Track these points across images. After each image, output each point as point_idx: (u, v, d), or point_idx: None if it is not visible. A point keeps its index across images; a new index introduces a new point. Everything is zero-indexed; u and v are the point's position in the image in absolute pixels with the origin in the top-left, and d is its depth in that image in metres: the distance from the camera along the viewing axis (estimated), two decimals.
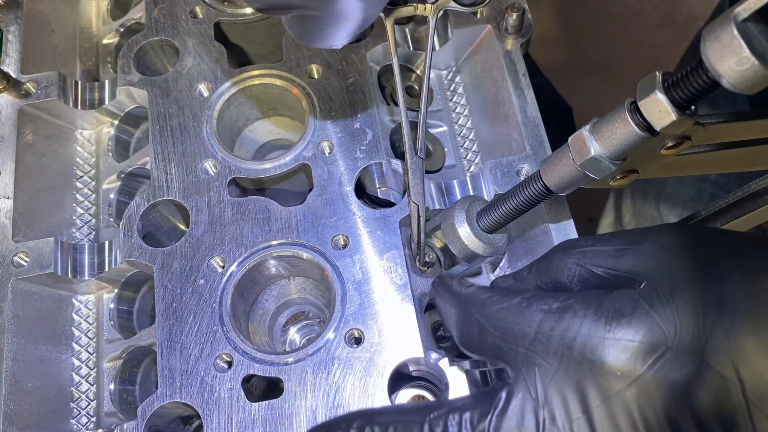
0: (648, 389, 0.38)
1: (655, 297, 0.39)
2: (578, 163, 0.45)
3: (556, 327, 0.41)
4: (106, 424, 0.63)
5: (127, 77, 0.73)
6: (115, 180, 0.74)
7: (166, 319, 0.59)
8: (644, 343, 0.38)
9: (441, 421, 0.44)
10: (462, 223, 0.55)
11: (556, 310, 0.42)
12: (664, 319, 0.38)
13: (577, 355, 0.40)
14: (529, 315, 0.43)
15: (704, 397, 0.37)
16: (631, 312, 0.39)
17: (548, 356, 0.41)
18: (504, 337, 0.44)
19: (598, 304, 0.41)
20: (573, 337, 0.40)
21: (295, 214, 0.63)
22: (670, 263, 0.41)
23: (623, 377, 0.38)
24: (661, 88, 0.39)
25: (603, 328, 0.40)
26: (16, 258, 0.62)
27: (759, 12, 0.32)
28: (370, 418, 0.46)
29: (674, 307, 0.39)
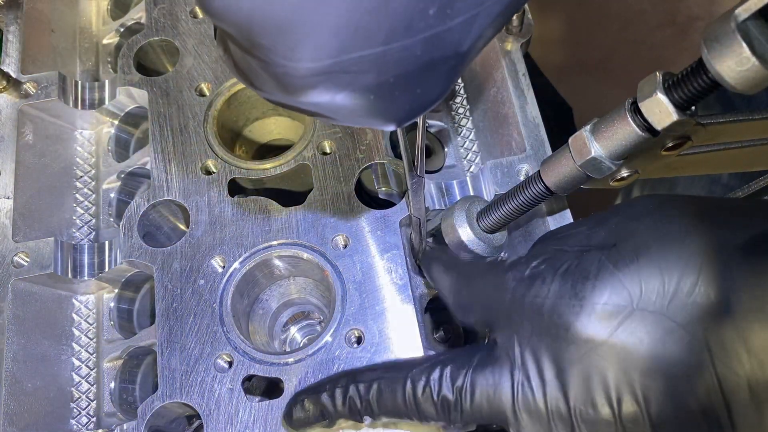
0: (616, 351, 0.38)
1: (618, 257, 0.40)
2: (578, 164, 0.45)
3: (526, 293, 0.43)
4: (106, 424, 0.63)
5: (127, 77, 0.73)
6: (115, 180, 0.74)
7: (166, 320, 0.59)
8: (609, 305, 0.39)
9: (423, 375, 0.46)
10: (462, 224, 0.55)
11: (527, 277, 0.44)
12: (628, 278, 0.39)
13: (546, 319, 0.41)
14: (506, 282, 0.45)
15: (672, 356, 0.37)
16: (595, 274, 0.40)
17: (523, 321, 0.43)
18: (487, 303, 0.47)
19: (566, 268, 0.42)
20: (542, 302, 0.42)
21: (295, 215, 0.63)
22: (637, 227, 0.42)
23: (590, 340, 0.39)
24: (662, 89, 0.39)
25: (569, 292, 0.41)
26: (16, 258, 0.62)
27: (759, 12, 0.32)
28: (354, 376, 0.49)
29: (638, 265, 0.39)
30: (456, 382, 0.44)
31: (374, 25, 0.28)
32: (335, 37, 0.28)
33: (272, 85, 0.32)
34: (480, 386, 0.43)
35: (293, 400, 0.52)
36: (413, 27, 0.29)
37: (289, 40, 0.28)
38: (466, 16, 0.30)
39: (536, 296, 0.42)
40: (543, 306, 0.42)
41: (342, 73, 0.30)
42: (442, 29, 0.30)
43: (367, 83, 0.31)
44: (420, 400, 0.45)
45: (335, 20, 0.28)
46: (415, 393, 0.45)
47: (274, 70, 0.31)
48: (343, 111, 0.33)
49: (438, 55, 0.31)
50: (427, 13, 0.28)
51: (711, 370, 0.36)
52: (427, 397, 0.45)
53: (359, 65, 0.30)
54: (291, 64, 0.30)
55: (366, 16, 0.27)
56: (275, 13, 0.27)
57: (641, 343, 0.38)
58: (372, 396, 0.47)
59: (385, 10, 0.27)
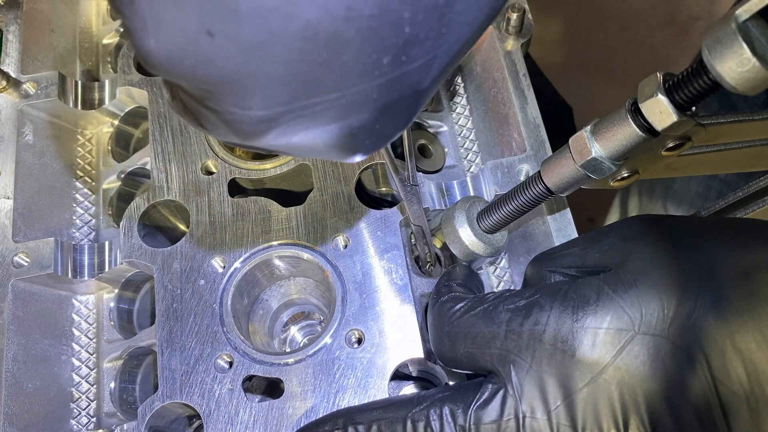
0: (620, 375, 0.38)
1: (618, 282, 0.40)
2: (579, 164, 0.45)
3: (524, 322, 0.42)
4: (106, 424, 0.63)
5: (127, 77, 0.73)
6: (115, 180, 0.74)
7: (166, 320, 0.59)
8: (611, 330, 0.39)
9: (423, 415, 0.44)
10: (462, 224, 0.55)
11: (523, 307, 0.43)
12: (628, 303, 0.39)
13: (548, 347, 0.41)
14: (497, 316, 0.44)
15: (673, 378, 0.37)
16: (596, 299, 0.40)
17: (521, 352, 0.42)
18: (475, 343, 0.44)
19: (564, 294, 0.42)
20: (542, 329, 0.41)
21: (296, 215, 0.63)
22: (632, 250, 0.42)
23: (595, 365, 0.39)
24: (662, 89, 0.39)
25: (570, 318, 0.40)
26: (16, 258, 0.62)
27: (760, 13, 0.32)
28: (352, 416, 0.47)
29: (637, 290, 0.39)
30: (458, 421, 0.43)
31: (326, 75, 0.27)
32: (285, 87, 0.27)
33: (224, 129, 0.31)
34: (484, 425, 0.42)
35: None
36: (367, 75, 0.28)
37: (237, 91, 0.27)
38: (423, 60, 0.29)
39: (535, 324, 0.42)
40: (543, 334, 0.41)
41: (296, 118, 0.29)
42: (398, 74, 0.28)
43: (322, 125, 0.30)
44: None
45: (283, 72, 0.26)
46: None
47: (225, 117, 0.30)
48: (300, 150, 0.32)
49: (396, 96, 0.30)
50: (381, 62, 0.27)
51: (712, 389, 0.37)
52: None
53: (313, 110, 0.29)
54: (241, 112, 0.29)
55: (316, 67, 0.26)
56: (220, 68, 0.26)
57: (644, 366, 0.38)
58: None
59: (336, 62, 0.26)
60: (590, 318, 0.40)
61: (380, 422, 0.46)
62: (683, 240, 0.41)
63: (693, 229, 0.42)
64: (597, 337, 0.39)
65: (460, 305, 0.47)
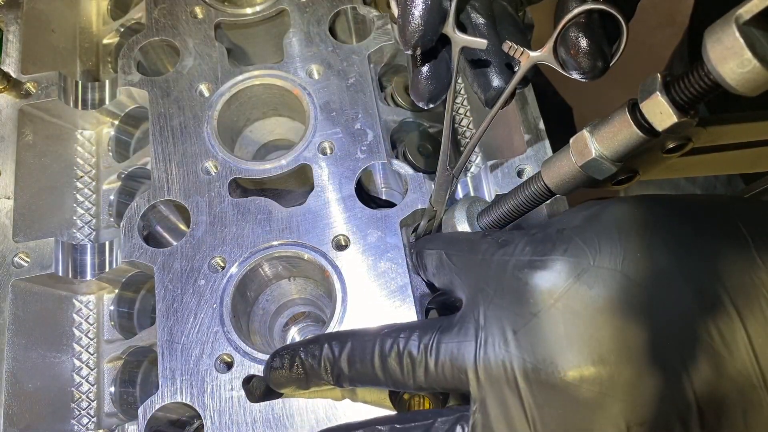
0: (572, 303, 0.39)
1: (578, 226, 0.42)
2: (579, 165, 0.45)
3: (495, 253, 0.45)
4: (106, 424, 0.63)
5: (127, 77, 0.73)
6: (115, 180, 0.74)
7: (166, 320, 0.59)
8: (567, 261, 0.40)
9: (391, 335, 0.47)
10: (463, 224, 0.55)
11: (501, 242, 0.46)
12: (586, 240, 0.40)
13: (508, 276, 0.43)
14: (479, 244, 0.47)
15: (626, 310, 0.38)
16: (556, 236, 0.42)
17: (488, 281, 0.44)
18: (458, 266, 0.48)
19: (533, 233, 0.44)
20: (507, 259, 0.44)
21: (296, 215, 0.63)
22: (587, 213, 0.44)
23: (549, 294, 0.40)
24: (663, 90, 0.39)
25: (531, 251, 0.42)
26: (16, 258, 0.62)
27: (761, 14, 0.32)
28: (331, 335, 0.51)
29: (597, 230, 0.41)
30: (423, 340, 0.45)
31: None
32: None
33: None
34: (444, 344, 0.44)
35: (272, 355, 0.53)
36: None
37: None
38: None
39: (503, 255, 0.44)
40: (507, 264, 0.43)
41: None
42: None
43: None
44: (387, 359, 0.46)
45: None
46: (382, 349, 0.46)
47: None
48: None
49: None
50: None
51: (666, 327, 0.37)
52: (394, 353, 0.46)
53: None
54: None
55: None
56: None
57: (598, 297, 0.38)
58: (345, 354, 0.48)
59: None
60: (548, 251, 0.41)
61: (353, 338, 0.49)
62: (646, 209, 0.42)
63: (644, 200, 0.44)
64: (552, 269, 0.40)
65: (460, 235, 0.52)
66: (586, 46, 0.42)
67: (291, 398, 0.55)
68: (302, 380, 0.51)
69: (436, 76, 0.48)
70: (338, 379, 0.49)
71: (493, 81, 0.50)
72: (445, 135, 0.53)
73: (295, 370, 0.51)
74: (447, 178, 0.55)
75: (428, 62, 0.48)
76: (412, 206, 0.62)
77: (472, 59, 0.51)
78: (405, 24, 0.44)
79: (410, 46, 0.45)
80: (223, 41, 0.76)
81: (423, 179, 0.64)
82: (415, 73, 0.49)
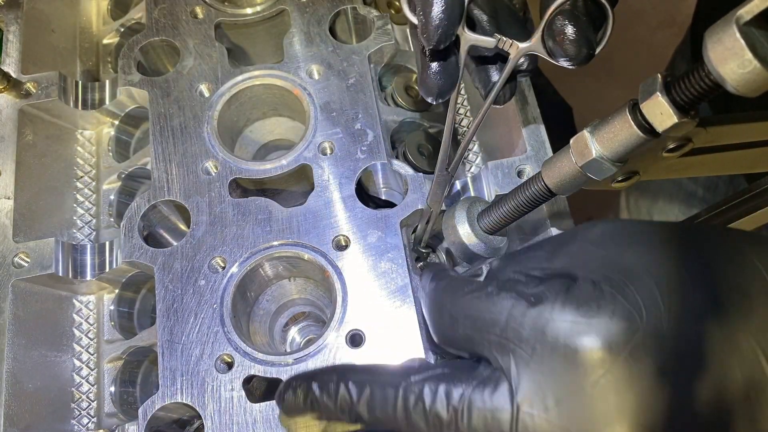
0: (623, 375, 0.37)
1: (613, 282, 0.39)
2: (580, 165, 0.45)
3: (527, 313, 0.41)
4: (107, 424, 0.63)
5: (127, 77, 0.73)
6: (115, 180, 0.74)
7: (167, 320, 0.59)
8: (617, 326, 0.38)
9: (417, 387, 0.43)
10: (463, 224, 0.55)
11: (528, 297, 0.41)
12: (630, 301, 0.38)
13: (550, 341, 0.39)
14: (500, 302, 0.42)
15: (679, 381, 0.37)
16: (599, 296, 0.39)
17: (522, 343, 0.40)
18: (475, 326, 0.43)
19: (567, 290, 0.40)
20: (545, 323, 0.40)
21: (296, 215, 0.63)
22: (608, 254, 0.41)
23: (600, 364, 0.38)
24: (663, 90, 0.39)
25: (575, 313, 0.39)
26: (16, 258, 0.62)
27: (762, 15, 0.32)
28: (346, 375, 0.46)
29: (634, 289, 0.39)
30: (451, 401, 0.42)
31: None
32: None
33: None
34: (477, 409, 0.41)
35: (286, 385, 0.49)
36: None
37: None
38: None
39: (539, 316, 0.40)
40: (547, 326, 0.40)
41: None
42: None
43: None
44: (411, 413, 0.43)
45: None
46: (406, 405, 0.43)
47: None
48: None
49: None
50: None
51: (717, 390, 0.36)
52: (419, 411, 0.43)
53: None
54: None
55: None
56: None
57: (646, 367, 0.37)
58: (363, 399, 0.45)
59: None
60: (594, 314, 0.38)
61: (373, 385, 0.45)
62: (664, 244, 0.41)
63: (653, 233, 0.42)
64: (600, 334, 0.38)
65: (465, 284, 0.46)
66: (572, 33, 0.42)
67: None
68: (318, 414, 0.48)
69: (445, 72, 0.48)
70: (356, 421, 0.46)
71: (494, 77, 0.50)
72: (447, 133, 0.53)
73: (310, 405, 0.47)
74: (445, 177, 0.55)
75: (438, 58, 0.48)
76: (412, 206, 0.62)
77: (475, 55, 0.52)
78: (427, 21, 0.44)
79: (433, 42, 0.45)
80: (223, 41, 0.76)
81: (423, 179, 0.64)
82: (425, 68, 0.49)
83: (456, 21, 0.45)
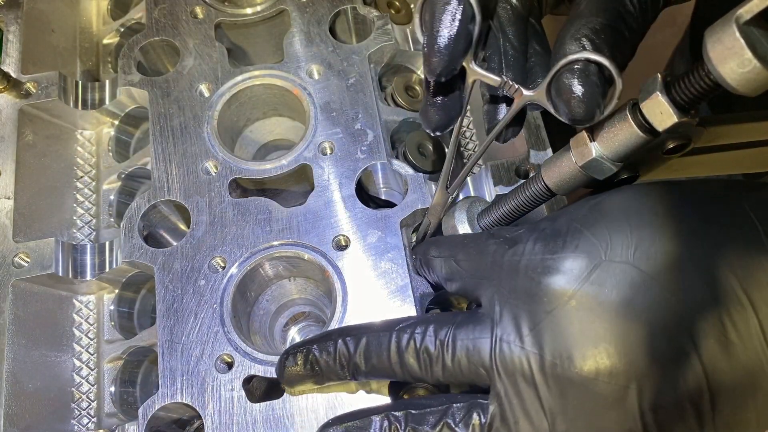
0: (586, 301, 0.40)
1: (586, 218, 0.43)
2: (580, 165, 0.45)
3: (505, 253, 0.46)
4: (107, 424, 0.63)
5: (127, 77, 0.73)
6: (115, 180, 0.74)
7: (167, 320, 0.59)
8: (579, 257, 0.41)
9: (408, 329, 0.48)
10: (463, 224, 0.56)
11: (507, 240, 0.47)
12: (596, 234, 0.41)
13: (522, 276, 0.44)
14: (487, 246, 0.48)
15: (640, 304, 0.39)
16: (566, 231, 0.43)
17: (501, 280, 0.45)
18: (470, 268, 0.49)
19: (541, 229, 0.45)
20: (518, 260, 0.45)
21: (296, 215, 0.63)
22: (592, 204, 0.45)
23: (563, 292, 0.41)
24: (663, 90, 0.39)
25: (542, 249, 0.43)
26: (16, 258, 0.62)
27: (761, 14, 0.32)
28: (344, 331, 0.51)
29: (606, 220, 0.42)
30: (438, 336, 0.46)
31: None
32: None
33: None
34: (461, 340, 0.45)
35: (285, 354, 0.52)
36: None
37: None
38: None
39: (513, 255, 0.45)
40: (519, 264, 0.44)
41: None
42: None
43: None
44: (404, 353, 0.47)
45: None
46: (399, 345, 0.47)
47: None
48: None
49: None
50: None
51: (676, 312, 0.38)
52: (411, 349, 0.47)
53: None
54: None
55: None
56: None
57: (611, 293, 0.39)
58: (360, 350, 0.49)
59: None
60: (559, 248, 0.42)
61: (368, 334, 0.49)
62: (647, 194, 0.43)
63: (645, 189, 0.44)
64: (564, 265, 0.41)
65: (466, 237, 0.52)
66: (579, 94, 0.41)
67: (291, 398, 0.55)
68: (318, 377, 0.51)
69: (446, 107, 0.49)
70: (354, 374, 0.50)
71: (500, 114, 0.51)
72: (448, 160, 0.53)
73: (310, 368, 0.51)
74: (445, 198, 0.55)
75: (441, 93, 0.49)
76: (412, 206, 0.62)
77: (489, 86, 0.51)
78: (431, 53, 0.44)
79: (435, 74, 0.45)
80: (223, 41, 0.76)
81: (423, 179, 0.64)
82: (428, 101, 0.50)
83: (459, 55, 0.45)
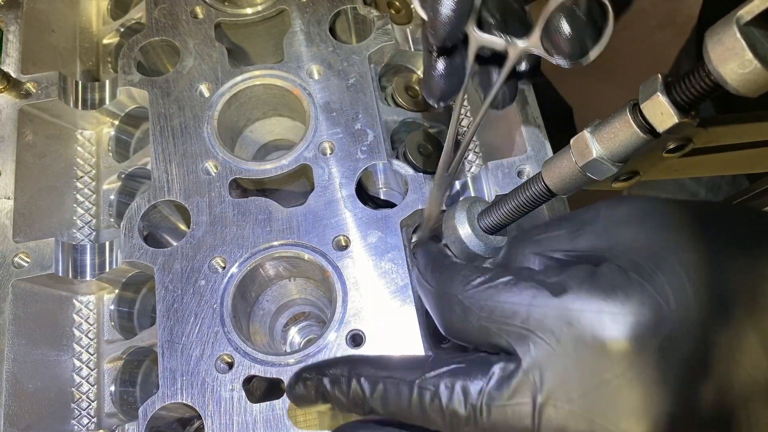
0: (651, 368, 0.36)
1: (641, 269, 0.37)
2: (580, 165, 0.45)
3: (550, 303, 0.39)
4: (107, 424, 0.63)
5: (127, 77, 0.73)
6: (115, 180, 0.74)
7: (167, 320, 0.59)
8: (646, 317, 0.36)
9: (432, 384, 0.41)
10: (463, 224, 0.55)
11: (550, 285, 0.39)
12: (658, 289, 0.36)
13: (576, 332, 0.37)
14: (520, 292, 0.40)
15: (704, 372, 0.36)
16: (626, 284, 0.37)
17: (545, 334, 0.38)
18: (492, 317, 0.41)
19: (591, 277, 0.39)
20: (570, 313, 0.38)
21: (296, 215, 0.63)
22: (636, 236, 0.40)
23: (626, 355, 0.36)
24: (663, 91, 0.39)
25: (601, 303, 0.37)
26: (16, 258, 0.62)
27: (762, 15, 0.32)
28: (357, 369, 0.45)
29: (662, 276, 0.37)
30: (469, 398, 0.40)
31: None
32: None
33: None
34: (496, 407, 0.39)
35: (296, 377, 0.47)
36: None
37: None
38: None
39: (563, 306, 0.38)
40: (572, 317, 0.38)
41: None
42: None
43: None
44: (427, 410, 0.41)
45: None
46: (422, 403, 0.42)
47: None
48: None
49: None
50: None
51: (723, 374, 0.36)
52: (435, 409, 0.41)
53: None
54: None
55: None
56: None
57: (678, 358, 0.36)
58: (377, 395, 0.43)
59: None
60: (621, 303, 0.36)
61: (386, 381, 0.43)
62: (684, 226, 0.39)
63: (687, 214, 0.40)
64: (629, 325, 0.36)
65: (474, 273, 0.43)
66: (569, 32, 0.41)
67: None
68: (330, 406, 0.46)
69: (451, 75, 0.47)
70: (370, 414, 0.45)
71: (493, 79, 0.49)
72: (450, 137, 0.52)
73: (322, 398, 0.46)
74: (446, 180, 0.55)
75: (445, 59, 0.47)
76: (413, 206, 0.62)
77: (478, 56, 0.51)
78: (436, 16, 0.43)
79: (441, 38, 0.44)
80: (223, 41, 0.76)
81: (423, 179, 0.64)
82: (430, 69, 0.47)
83: (465, 17, 0.44)
